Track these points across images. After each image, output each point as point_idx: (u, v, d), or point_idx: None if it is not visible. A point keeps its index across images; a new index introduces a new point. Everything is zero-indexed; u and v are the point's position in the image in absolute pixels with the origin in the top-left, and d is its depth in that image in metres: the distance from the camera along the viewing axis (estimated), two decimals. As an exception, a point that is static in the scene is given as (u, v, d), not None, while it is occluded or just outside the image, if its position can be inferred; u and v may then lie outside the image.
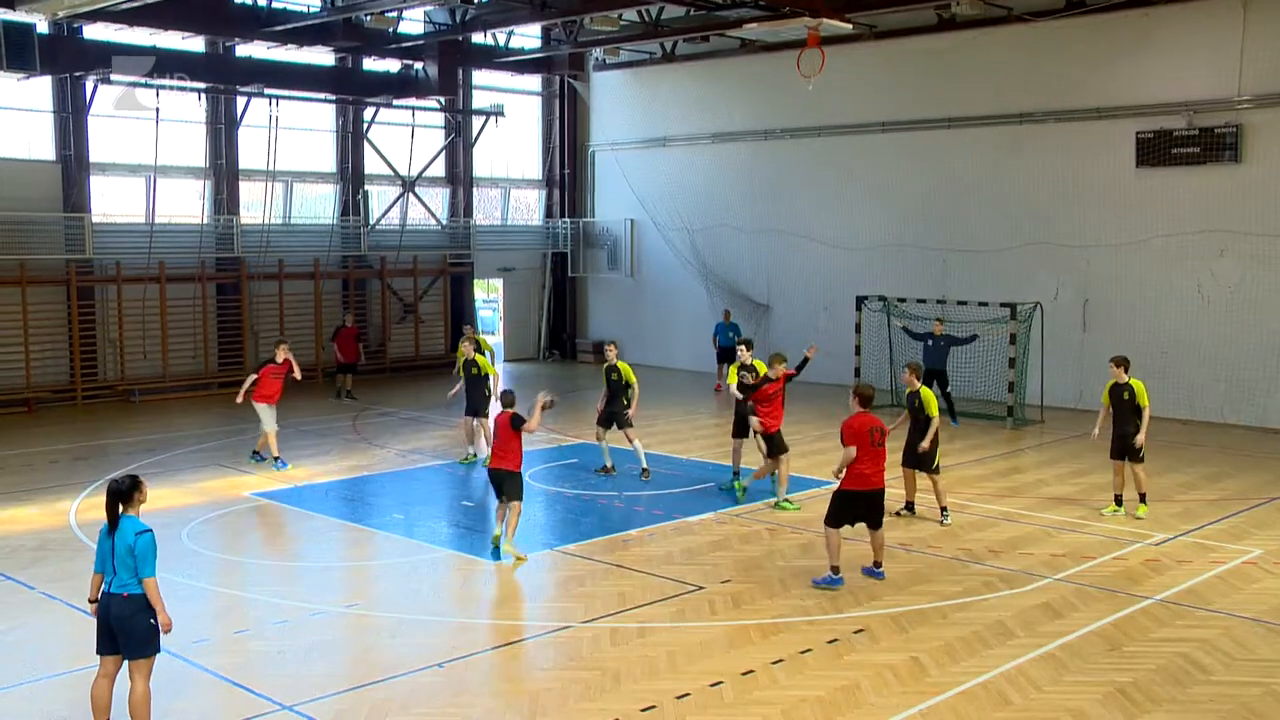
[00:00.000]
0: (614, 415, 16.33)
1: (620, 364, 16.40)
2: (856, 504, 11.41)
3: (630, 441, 16.27)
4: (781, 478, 14.64)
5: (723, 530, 13.64)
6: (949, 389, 20.67)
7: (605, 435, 16.58)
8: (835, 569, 11.34)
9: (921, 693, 8.81)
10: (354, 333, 24.61)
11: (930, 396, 13.75)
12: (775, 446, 14.56)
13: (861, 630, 10.15)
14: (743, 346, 15.44)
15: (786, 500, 14.59)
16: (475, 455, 17.39)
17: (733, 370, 15.40)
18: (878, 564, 11.61)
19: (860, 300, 23.37)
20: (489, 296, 36.69)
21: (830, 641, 9.87)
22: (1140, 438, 13.92)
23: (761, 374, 14.96)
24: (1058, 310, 22.66)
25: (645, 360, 30.31)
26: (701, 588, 11.39)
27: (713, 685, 8.92)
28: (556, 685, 8.98)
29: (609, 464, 16.55)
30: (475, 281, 31.37)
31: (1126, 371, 14.14)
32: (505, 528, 12.34)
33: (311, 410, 22.83)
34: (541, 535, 13.95)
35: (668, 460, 17.56)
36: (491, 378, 17.51)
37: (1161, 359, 21.64)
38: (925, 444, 13.63)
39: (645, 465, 16.25)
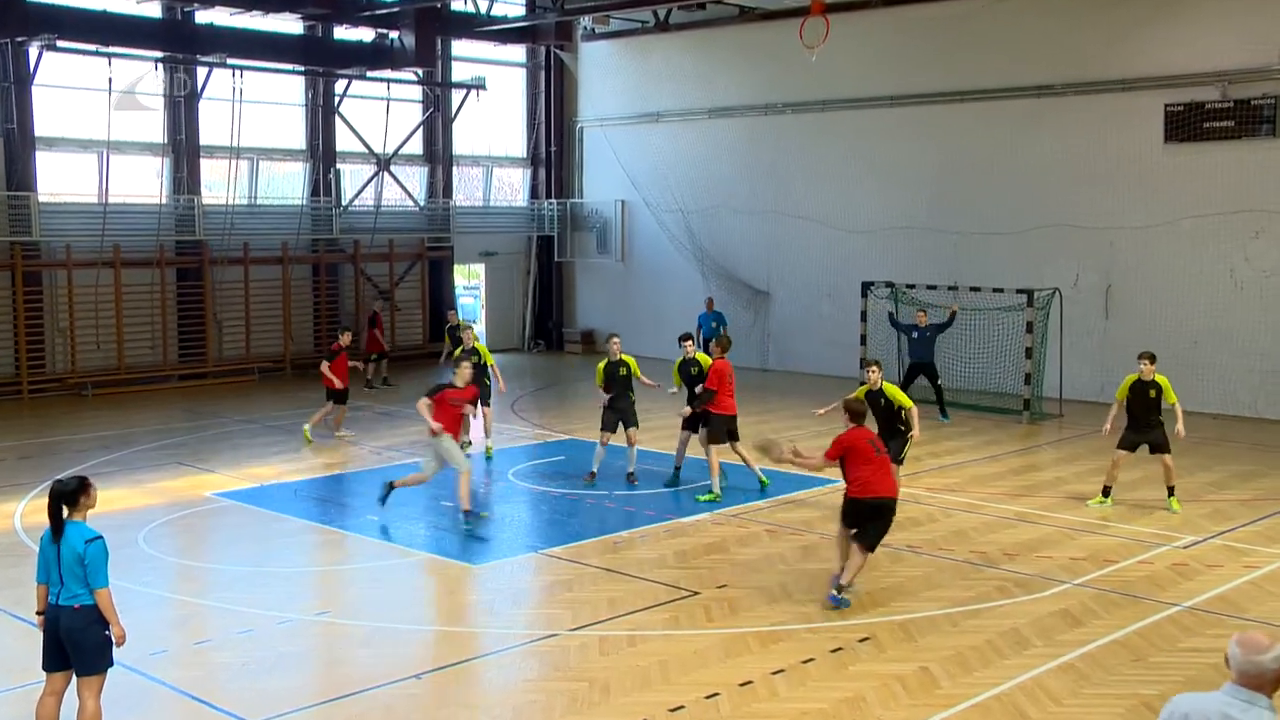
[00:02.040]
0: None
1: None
2: (860, 512, 11.02)
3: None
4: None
5: (719, 532, 13.63)
6: (940, 381, 20.79)
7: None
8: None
9: (931, 705, 8.81)
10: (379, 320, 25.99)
11: (896, 389, 13.97)
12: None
13: (867, 638, 10.15)
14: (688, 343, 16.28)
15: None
16: (469, 442, 17.75)
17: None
18: (845, 586, 11.00)
19: (866, 286, 23.38)
20: (470, 282, 36.60)
21: (834, 650, 9.87)
22: (1180, 429, 14.58)
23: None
24: (1078, 297, 22.69)
25: (636, 350, 30.14)
26: (696, 593, 11.38)
27: (708, 697, 8.92)
28: (542, 698, 8.96)
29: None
30: (455, 267, 31.32)
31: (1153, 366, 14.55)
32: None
33: (278, 404, 22.80)
34: (526, 537, 13.95)
35: (661, 458, 17.53)
36: (490, 366, 18.18)
37: (1191, 349, 21.66)
38: (916, 432, 13.63)
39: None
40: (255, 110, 26.51)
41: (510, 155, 32.45)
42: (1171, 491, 14.59)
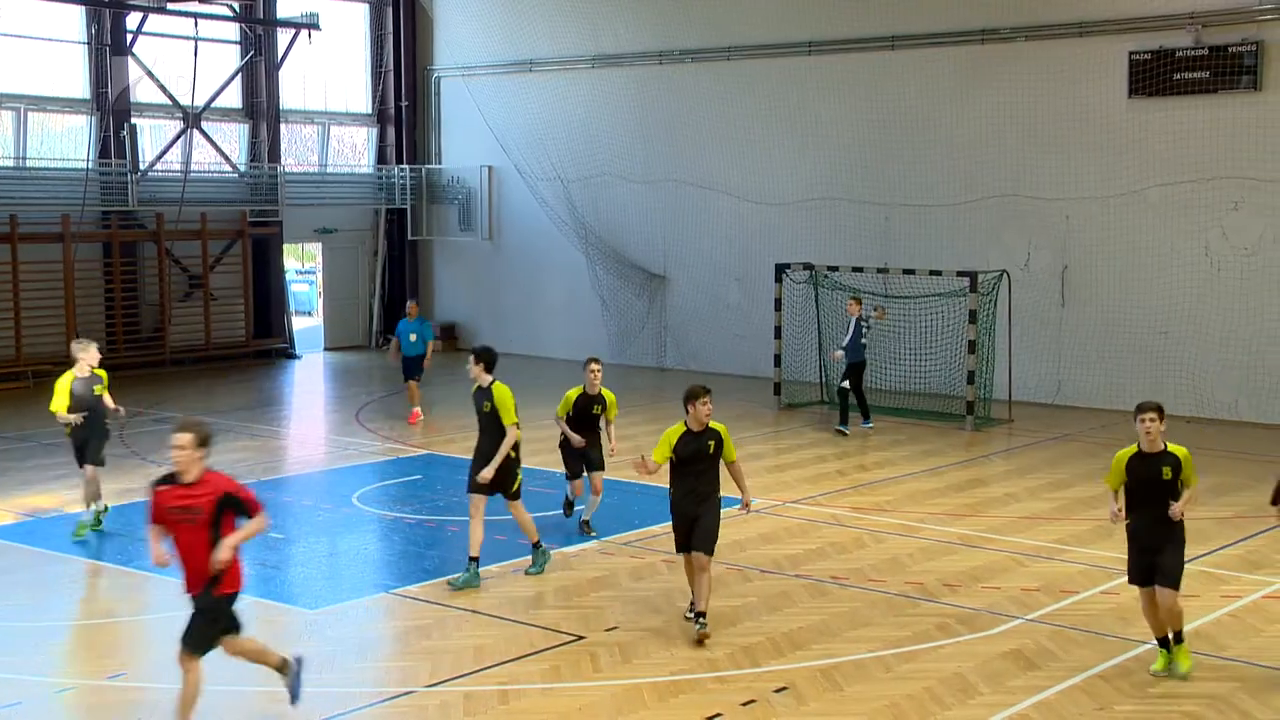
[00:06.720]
0: None
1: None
2: None
3: None
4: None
5: (607, 563, 13.63)
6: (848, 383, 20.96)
7: None
8: None
9: (862, 767, 8.90)
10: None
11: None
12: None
13: (785, 688, 10.21)
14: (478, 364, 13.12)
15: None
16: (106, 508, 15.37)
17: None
18: None
19: (781, 269, 23.55)
20: (304, 266, 36.21)
21: (745, 703, 9.91)
22: (1177, 507, 10.77)
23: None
24: (1029, 280, 23.12)
25: (508, 347, 30.00)
26: (581, 638, 11.37)
27: (595, 765, 8.91)
28: (390, 770, 8.87)
29: None
30: (285, 246, 30.91)
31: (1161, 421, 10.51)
32: None
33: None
34: (374, 574, 13.81)
35: (536, 474, 17.47)
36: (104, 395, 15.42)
37: (1160, 341, 22.19)
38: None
39: None
40: (20, 47, 25.86)
41: (351, 111, 32.15)
42: (1178, 638, 10.60)
